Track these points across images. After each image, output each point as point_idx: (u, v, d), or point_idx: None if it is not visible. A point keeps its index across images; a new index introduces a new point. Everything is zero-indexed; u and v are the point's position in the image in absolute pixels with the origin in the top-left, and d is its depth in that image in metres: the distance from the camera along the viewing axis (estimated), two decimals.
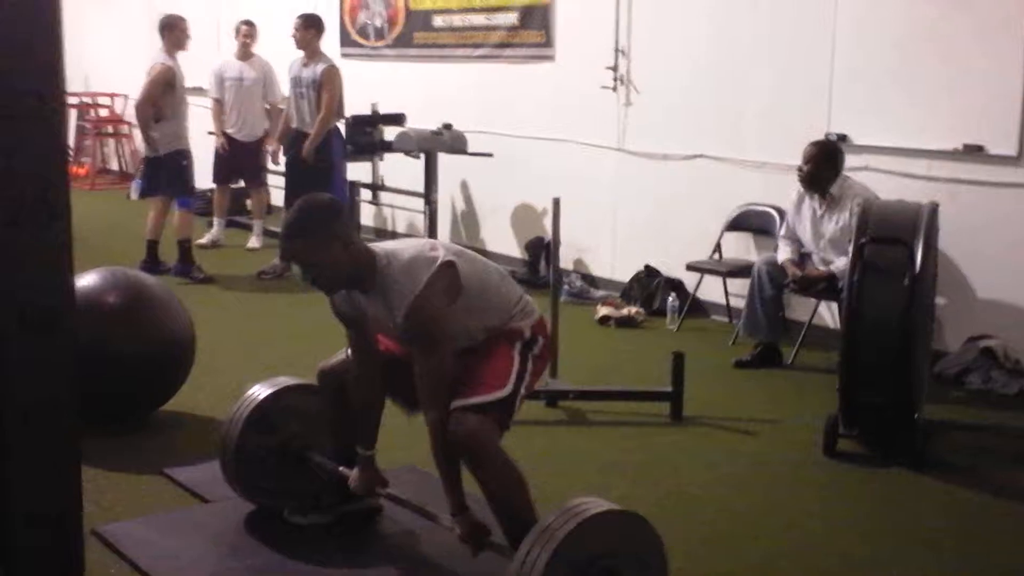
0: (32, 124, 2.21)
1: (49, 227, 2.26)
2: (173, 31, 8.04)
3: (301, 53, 8.20)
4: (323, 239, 3.29)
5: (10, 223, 2.23)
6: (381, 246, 3.43)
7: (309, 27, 8.14)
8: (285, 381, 3.97)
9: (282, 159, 8.71)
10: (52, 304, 2.31)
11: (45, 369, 2.32)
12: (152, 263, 8.04)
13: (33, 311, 2.28)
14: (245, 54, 9.21)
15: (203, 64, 9.25)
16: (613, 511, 2.99)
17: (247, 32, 9.20)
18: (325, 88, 7.99)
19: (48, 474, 2.36)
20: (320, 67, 8.06)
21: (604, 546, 2.93)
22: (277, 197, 10.13)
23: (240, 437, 3.83)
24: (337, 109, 8.16)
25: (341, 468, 3.77)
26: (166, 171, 8.07)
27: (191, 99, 8.36)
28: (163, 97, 7.87)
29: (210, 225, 9.58)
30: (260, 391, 3.93)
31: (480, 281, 3.43)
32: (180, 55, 8.07)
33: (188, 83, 8.19)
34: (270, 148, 9.12)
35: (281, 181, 8.84)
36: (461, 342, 3.40)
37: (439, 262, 3.31)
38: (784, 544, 3.91)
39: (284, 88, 8.73)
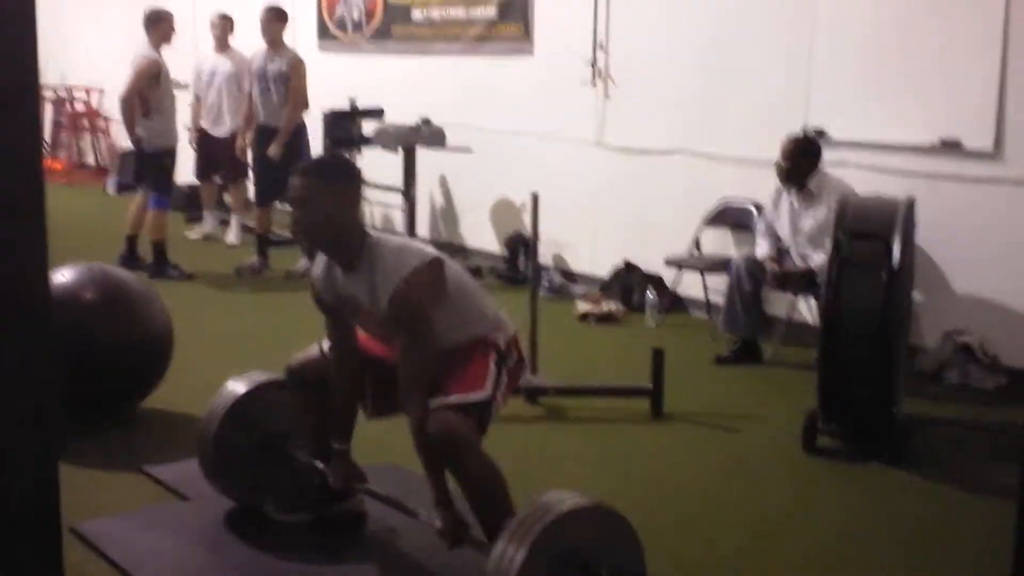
0: (5, 117, 2.18)
1: (25, 222, 2.24)
2: (159, 25, 7.97)
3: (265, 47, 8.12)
4: (332, 188, 3.32)
5: None
6: (373, 234, 3.42)
7: (280, 19, 8.09)
8: (261, 376, 3.96)
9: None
10: (29, 300, 2.28)
11: (23, 366, 2.30)
12: (131, 257, 8.00)
13: (10, 308, 2.25)
14: (221, 47, 9.15)
15: (181, 58, 9.18)
16: (588, 505, 2.99)
17: (221, 25, 9.12)
18: (293, 79, 7.94)
19: (27, 472, 2.34)
20: (287, 59, 8.01)
21: (580, 539, 2.93)
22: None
23: (217, 433, 3.82)
24: (302, 102, 8.10)
25: (318, 463, 3.76)
26: (150, 168, 8.01)
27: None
28: (149, 91, 7.80)
29: (199, 220, 9.57)
30: (236, 387, 3.91)
31: (460, 287, 3.44)
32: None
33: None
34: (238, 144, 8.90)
35: None
36: (441, 344, 3.38)
37: (428, 257, 3.33)
38: (762, 538, 3.93)
39: None
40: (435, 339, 3.33)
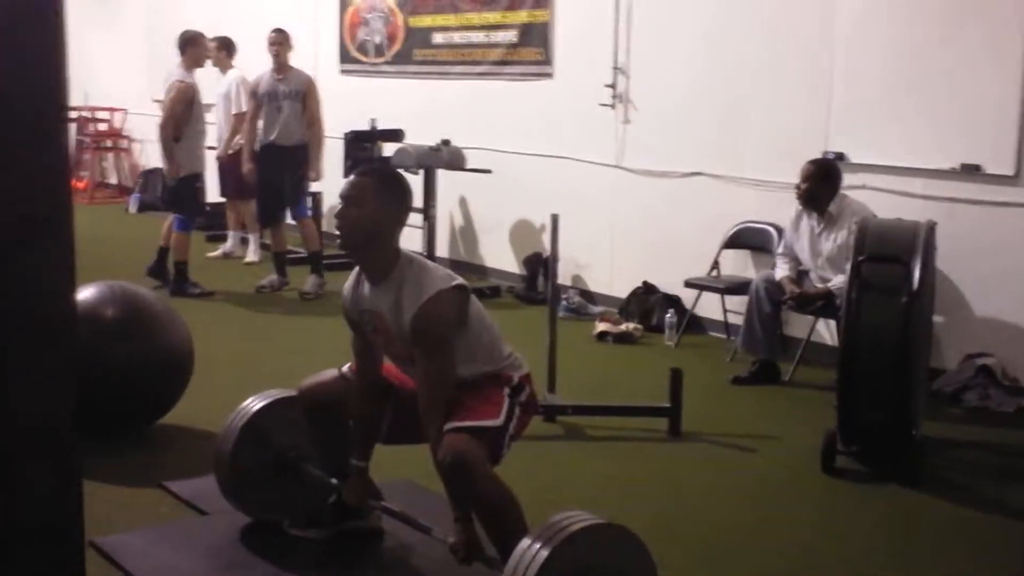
0: (38, 141, 2.21)
1: (53, 243, 2.27)
2: (193, 47, 8.06)
3: (269, 68, 8.17)
4: (382, 197, 3.38)
5: (15, 240, 2.23)
6: (407, 253, 3.45)
7: (287, 41, 8.17)
8: (278, 393, 3.97)
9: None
10: (56, 319, 2.31)
11: (48, 384, 2.32)
12: (158, 268, 8.12)
13: (37, 327, 2.28)
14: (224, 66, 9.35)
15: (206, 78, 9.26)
16: (600, 524, 2.98)
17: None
18: (311, 98, 8.02)
19: (50, 488, 2.36)
20: (302, 78, 8.07)
21: (593, 559, 2.92)
22: None
23: (234, 450, 3.83)
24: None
25: (334, 480, 3.77)
26: (176, 192, 8.06)
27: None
28: (181, 116, 7.85)
29: (223, 239, 9.66)
30: (253, 403, 3.93)
31: (481, 322, 3.46)
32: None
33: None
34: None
35: None
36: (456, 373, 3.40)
37: (456, 283, 3.36)
38: (781, 561, 3.91)
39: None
40: (454, 364, 3.34)
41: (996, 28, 5.75)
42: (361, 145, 8.52)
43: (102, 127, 13.60)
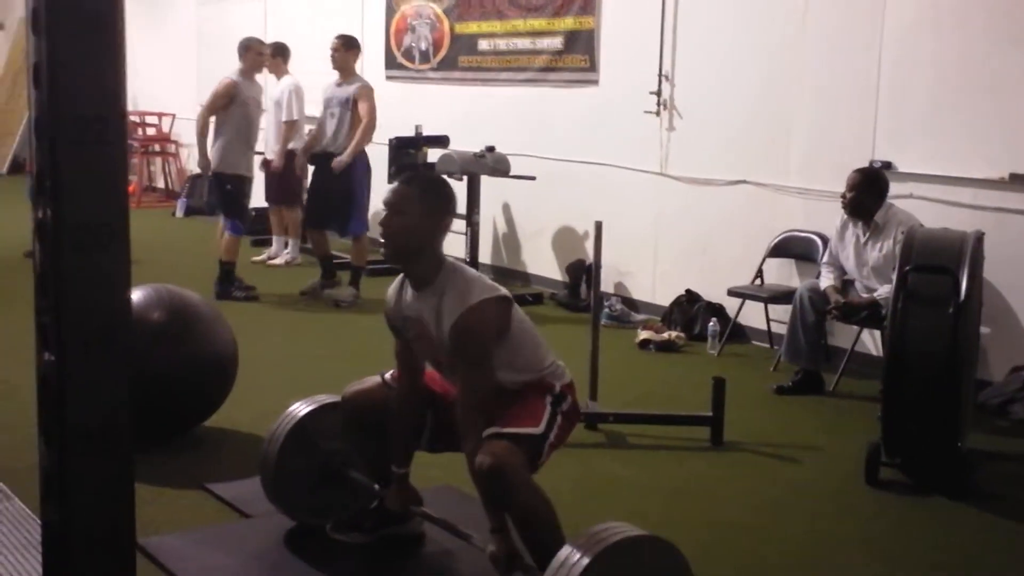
0: (97, 149, 2.26)
1: (110, 249, 2.31)
2: (247, 53, 8.19)
3: (335, 75, 8.21)
4: (425, 204, 3.39)
5: (76, 247, 2.28)
6: (452, 260, 3.46)
7: (349, 48, 8.18)
8: (325, 399, 4.00)
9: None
10: (113, 325, 2.35)
11: (104, 388, 2.37)
12: (228, 281, 8.18)
13: (94, 332, 2.33)
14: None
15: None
16: (641, 536, 2.97)
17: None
18: (363, 101, 7.96)
19: (105, 490, 2.41)
20: (355, 86, 8.05)
21: (631, 572, 2.90)
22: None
23: (280, 454, 3.86)
24: (371, 125, 8.05)
25: (377, 486, 3.79)
26: (216, 191, 8.19)
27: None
28: (224, 112, 7.98)
29: (268, 243, 9.78)
30: (300, 408, 3.96)
31: (524, 330, 3.46)
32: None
33: None
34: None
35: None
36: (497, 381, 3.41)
37: (499, 293, 3.37)
38: (823, 572, 3.89)
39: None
40: (494, 373, 3.35)
41: None
42: (406, 151, 8.53)
43: (150, 131, 13.74)
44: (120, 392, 2.36)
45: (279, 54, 9.17)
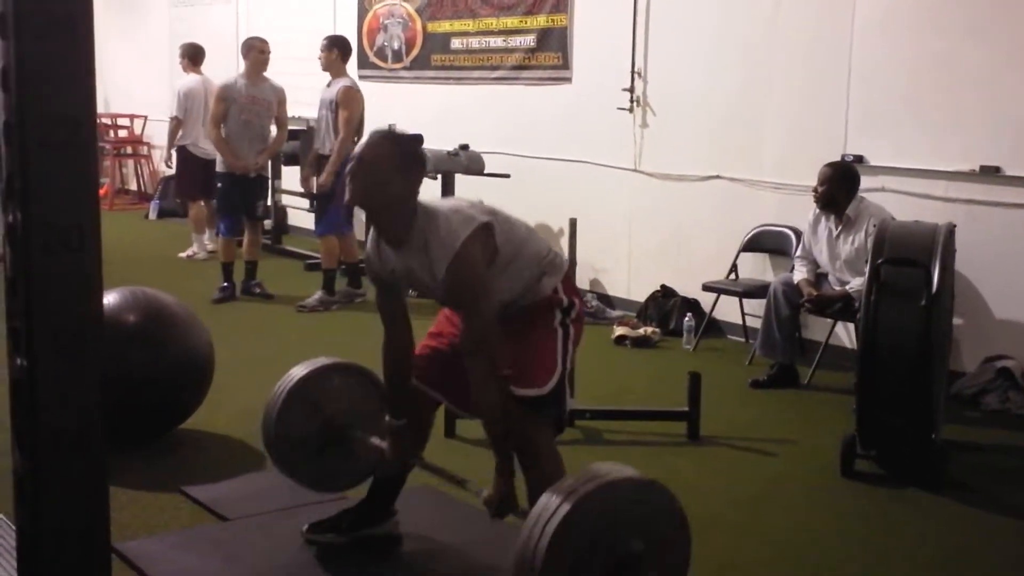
0: (68, 152, 2.25)
1: (81, 251, 2.30)
2: (248, 53, 8.18)
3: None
4: (397, 159, 3.35)
5: (44, 249, 2.27)
6: (422, 205, 3.40)
7: (331, 48, 8.05)
8: (324, 360, 4.00)
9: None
10: (83, 327, 2.34)
11: (76, 391, 2.36)
12: (249, 280, 8.24)
13: (66, 335, 2.32)
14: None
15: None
16: (640, 479, 2.95)
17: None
18: (342, 108, 7.70)
19: (79, 495, 2.40)
20: (336, 88, 7.82)
21: (626, 511, 2.87)
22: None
23: (280, 416, 3.84)
24: (356, 130, 7.86)
25: (374, 440, 3.74)
26: (218, 196, 8.40)
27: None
28: (219, 115, 8.05)
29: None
30: (299, 371, 3.94)
31: (512, 239, 3.46)
32: None
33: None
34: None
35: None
36: (502, 296, 3.42)
37: (476, 224, 3.34)
38: (801, 565, 3.91)
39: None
40: (496, 303, 3.36)
41: (1016, 30, 5.73)
42: None
43: (122, 133, 13.67)
44: (93, 395, 2.34)
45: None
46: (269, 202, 9.32)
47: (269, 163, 8.77)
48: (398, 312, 3.61)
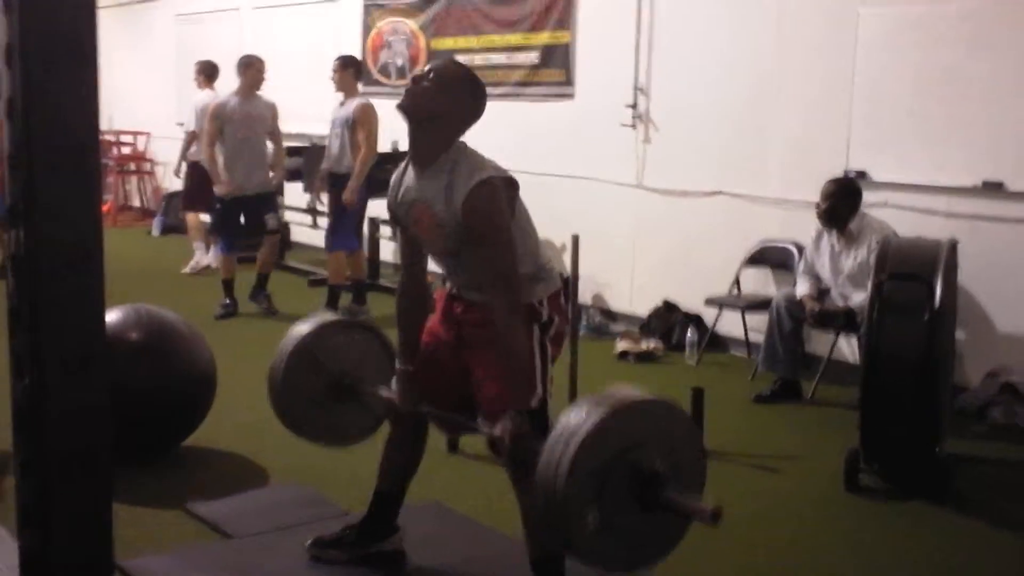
0: (74, 175, 2.28)
1: (85, 273, 2.31)
2: (246, 70, 8.18)
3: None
4: (461, 87, 3.45)
5: (51, 272, 2.28)
6: (461, 143, 3.47)
7: (345, 67, 8.05)
8: (329, 316, 4.01)
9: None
10: (89, 349, 2.35)
11: (83, 411, 2.37)
12: (258, 290, 8.27)
13: (72, 357, 2.33)
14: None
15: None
16: (661, 401, 2.98)
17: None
18: (360, 126, 7.75)
19: (84, 515, 2.40)
20: (352, 106, 7.85)
21: (635, 434, 2.87)
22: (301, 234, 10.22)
23: (286, 371, 3.84)
24: (370, 149, 7.87)
25: (383, 391, 3.70)
26: (215, 217, 8.42)
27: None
28: (222, 135, 8.08)
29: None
30: (303, 327, 3.92)
31: (527, 220, 3.50)
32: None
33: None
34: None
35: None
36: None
37: (508, 175, 3.40)
38: None
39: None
40: (513, 243, 3.32)
41: (1020, 45, 5.74)
42: (383, 167, 8.49)
43: (126, 150, 13.70)
44: (100, 414, 2.35)
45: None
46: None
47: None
48: (416, 260, 3.64)
